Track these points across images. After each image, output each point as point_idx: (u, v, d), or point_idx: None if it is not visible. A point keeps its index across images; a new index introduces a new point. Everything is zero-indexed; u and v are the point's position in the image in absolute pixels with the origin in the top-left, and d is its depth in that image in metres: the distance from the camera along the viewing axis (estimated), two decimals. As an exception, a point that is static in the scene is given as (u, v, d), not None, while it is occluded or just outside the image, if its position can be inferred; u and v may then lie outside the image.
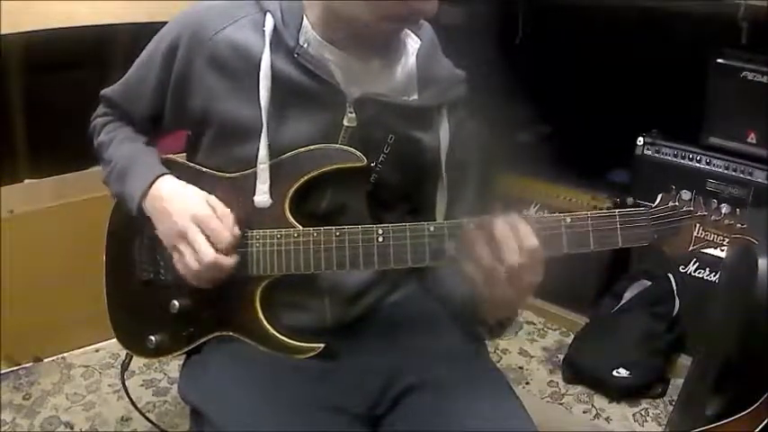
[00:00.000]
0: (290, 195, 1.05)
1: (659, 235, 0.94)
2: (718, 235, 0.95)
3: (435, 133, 1.11)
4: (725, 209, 0.95)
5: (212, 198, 1.06)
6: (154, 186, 1.09)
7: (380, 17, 0.99)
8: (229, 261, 1.03)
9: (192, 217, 1.03)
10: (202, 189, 1.10)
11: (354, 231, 1.00)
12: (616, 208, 0.97)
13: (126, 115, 1.20)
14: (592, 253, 0.97)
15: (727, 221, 0.94)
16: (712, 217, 0.94)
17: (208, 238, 1.02)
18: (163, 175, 1.10)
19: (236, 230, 1.04)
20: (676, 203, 0.95)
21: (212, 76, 1.06)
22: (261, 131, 1.03)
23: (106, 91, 1.21)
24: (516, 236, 0.91)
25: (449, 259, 0.97)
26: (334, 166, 1.04)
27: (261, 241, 1.05)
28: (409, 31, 1.12)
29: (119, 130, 1.20)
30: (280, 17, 1.04)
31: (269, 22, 1.04)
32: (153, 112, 1.15)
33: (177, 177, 1.11)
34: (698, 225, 0.95)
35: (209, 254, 1.01)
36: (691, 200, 0.95)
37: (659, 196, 0.96)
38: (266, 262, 1.05)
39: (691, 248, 0.96)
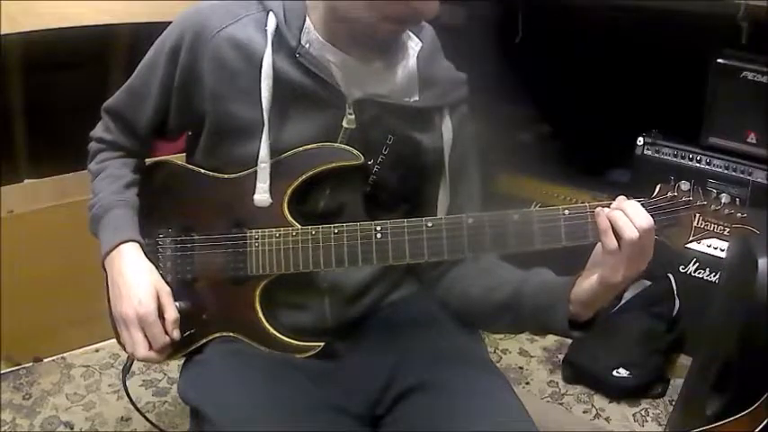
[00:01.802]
0: (288, 194, 1.05)
1: (658, 226, 0.93)
2: (718, 225, 0.94)
3: (436, 135, 1.11)
4: (724, 198, 0.94)
5: (163, 291, 1.07)
6: (115, 252, 1.09)
7: (381, 18, 0.99)
8: (159, 359, 1.07)
9: (136, 312, 1.04)
10: (200, 190, 1.11)
11: (352, 229, 1.00)
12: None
13: (128, 126, 1.18)
14: (592, 252, 0.97)
15: (727, 211, 0.93)
16: (712, 206, 0.93)
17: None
18: (125, 242, 1.10)
19: (176, 334, 1.06)
20: (675, 193, 0.94)
21: (214, 75, 1.06)
22: (261, 131, 1.03)
23: (107, 103, 1.20)
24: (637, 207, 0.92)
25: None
26: (332, 165, 1.04)
27: (260, 240, 1.05)
28: (410, 33, 1.12)
29: (108, 162, 1.18)
30: (282, 17, 1.04)
31: (271, 22, 1.04)
32: (158, 116, 1.14)
33: (173, 180, 1.12)
34: (698, 215, 0.94)
35: (141, 352, 1.05)
36: (689, 190, 0.94)
37: (658, 187, 0.95)
38: (265, 261, 1.05)
39: (691, 239, 0.95)
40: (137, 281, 1.07)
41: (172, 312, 1.06)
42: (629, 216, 0.91)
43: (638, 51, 2.26)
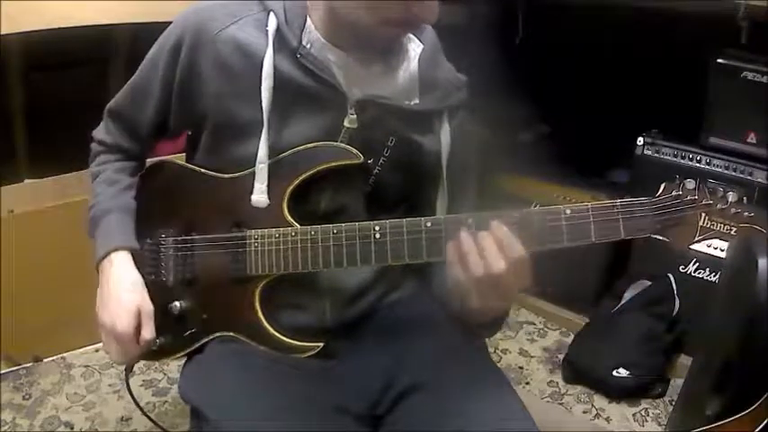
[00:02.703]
0: (287, 194, 1.05)
1: (662, 225, 0.91)
2: (724, 224, 0.91)
3: (436, 137, 1.11)
4: (731, 197, 0.90)
5: (144, 310, 1.10)
6: (107, 260, 1.13)
7: (381, 22, 0.99)
8: (132, 362, 1.15)
9: (113, 327, 1.09)
10: (200, 190, 1.11)
11: (351, 228, 1.00)
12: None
13: (129, 127, 1.19)
14: (592, 253, 0.97)
15: (733, 210, 0.90)
16: (718, 206, 0.90)
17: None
18: (117, 249, 1.13)
19: (148, 352, 1.12)
20: (680, 192, 0.91)
21: (214, 75, 1.06)
22: (261, 131, 1.03)
23: (110, 104, 1.21)
24: (500, 244, 0.91)
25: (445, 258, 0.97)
26: (332, 164, 1.04)
27: (259, 241, 1.05)
28: (412, 35, 1.12)
29: (106, 165, 1.21)
30: (283, 17, 1.04)
31: (272, 22, 1.04)
32: (159, 116, 1.15)
33: (174, 181, 1.13)
34: (703, 215, 0.91)
35: (114, 358, 1.13)
36: (695, 188, 0.91)
37: (662, 185, 0.92)
38: (265, 261, 1.05)
39: (696, 239, 0.91)
40: (120, 296, 1.10)
41: (148, 333, 1.10)
42: (484, 250, 0.91)
43: (638, 51, 2.26)
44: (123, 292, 1.10)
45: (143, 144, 1.21)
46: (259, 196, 1.04)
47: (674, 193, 0.91)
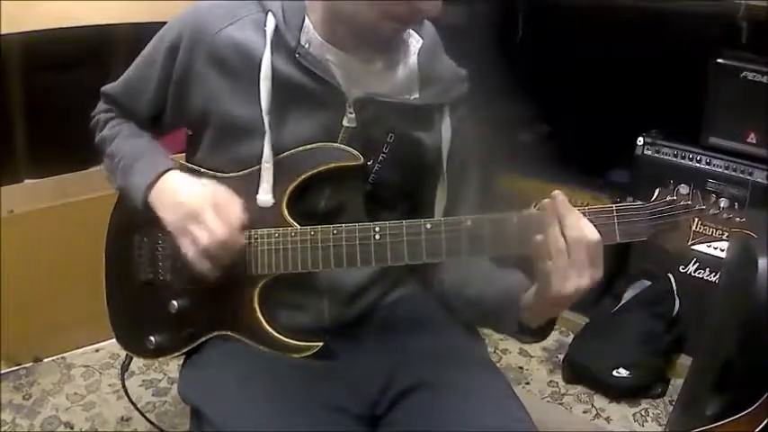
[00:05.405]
0: (287, 194, 1.05)
1: (657, 230, 0.92)
2: (717, 229, 0.93)
3: (436, 132, 1.11)
4: (723, 203, 0.93)
5: (220, 187, 1.05)
6: (161, 180, 1.08)
7: (383, 17, 0.99)
8: (241, 238, 1.02)
9: (207, 198, 1.01)
10: None
11: (351, 229, 1.00)
12: (616, 207, 0.96)
13: (127, 112, 1.20)
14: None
15: (725, 215, 0.92)
16: (711, 211, 0.92)
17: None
18: (169, 169, 1.10)
19: (243, 213, 1.03)
20: (674, 197, 0.93)
21: (213, 75, 1.06)
22: (260, 131, 1.03)
23: (106, 88, 1.21)
24: (584, 227, 0.89)
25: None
26: (331, 165, 1.04)
27: (259, 240, 1.05)
28: (411, 31, 1.12)
29: (123, 126, 1.20)
30: (281, 17, 1.04)
31: (270, 22, 1.04)
32: (154, 111, 1.16)
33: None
34: (696, 219, 0.93)
35: (222, 230, 0.99)
36: (689, 194, 0.93)
37: (657, 191, 0.94)
38: (264, 261, 1.05)
39: (690, 243, 0.94)
40: (194, 185, 1.05)
41: (234, 196, 1.03)
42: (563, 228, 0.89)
43: (638, 51, 2.26)
44: (195, 181, 1.06)
45: (144, 126, 1.20)
46: (265, 196, 1.04)
47: (668, 198, 0.93)
